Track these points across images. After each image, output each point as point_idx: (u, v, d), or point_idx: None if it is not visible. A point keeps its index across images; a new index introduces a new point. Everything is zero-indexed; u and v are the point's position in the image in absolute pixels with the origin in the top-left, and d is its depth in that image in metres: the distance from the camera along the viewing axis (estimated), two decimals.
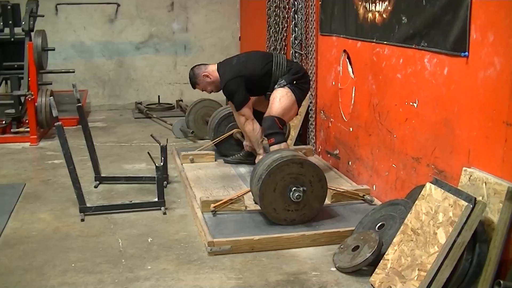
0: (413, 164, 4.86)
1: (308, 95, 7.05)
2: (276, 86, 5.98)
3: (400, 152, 5.08)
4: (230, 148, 7.13)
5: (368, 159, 5.71)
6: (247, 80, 5.97)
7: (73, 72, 9.49)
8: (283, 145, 5.72)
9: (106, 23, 10.95)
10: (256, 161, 6.08)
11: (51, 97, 5.56)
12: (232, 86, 5.97)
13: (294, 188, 4.82)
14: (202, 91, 6.34)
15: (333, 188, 5.41)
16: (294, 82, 5.96)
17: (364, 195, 5.45)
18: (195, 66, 6.34)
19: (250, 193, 5.20)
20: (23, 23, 8.63)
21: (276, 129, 5.75)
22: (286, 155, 4.95)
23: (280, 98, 5.86)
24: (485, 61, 3.85)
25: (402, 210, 4.34)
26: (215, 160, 6.91)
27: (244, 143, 6.66)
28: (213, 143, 7.13)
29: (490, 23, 3.80)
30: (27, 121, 8.38)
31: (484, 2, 3.85)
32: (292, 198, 4.82)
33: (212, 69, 6.21)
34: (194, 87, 6.35)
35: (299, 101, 6.05)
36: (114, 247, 4.75)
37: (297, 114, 6.44)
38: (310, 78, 6.94)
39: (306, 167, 4.87)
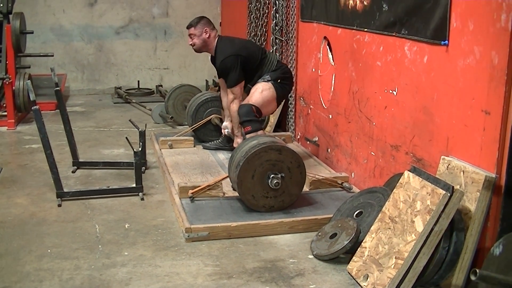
0: (391, 152, 4.86)
1: None
2: (260, 80, 5.99)
3: (379, 140, 5.08)
4: (209, 134, 7.13)
5: (347, 147, 5.71)
6: (243, 62, 5.98)
7: (52, 55, 9.40)
8: (259, 132, 5.70)
9: (86, 6, 10.84)
10: (235, 144, 6.07)
11: (29, 80, 5.48)
12: (230, 62, 5.96)
13: (272, 175, 4.81)
14: (189, 35, 6.24)
15: (312, 174, 5.41)
16: (279, 80, 6.00)
17: (342, 182, 5.45)
18: (206, 17, 6.29)
19: (228, 179, 5.18)
20: (1, 5, 8.49)
21: (252, 117, 5.73)
22: (264, 141, 4.93)
23: (262, 90, 5.90)
24: (465, 50, 3.85)
25: (380, 198, 4.34)
26: (194, 146, 6.90)
27: (224, 124, 6.62)
28: (191, 129, 7.10)
29: (470, 11, 3.80)
30: (4, 105, 8.30)
31: None
32: (270, 185, 4.81)
33: (214, 35, 6.20)
34: (188, 28, 6.23)
35: (279, 99, 6.09)
36: (91, 232, 4.71)
37: (272, 113, 6.48)
38: (291, 65, 6.96)
39: (285, 153, 4.86)
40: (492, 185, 3.60)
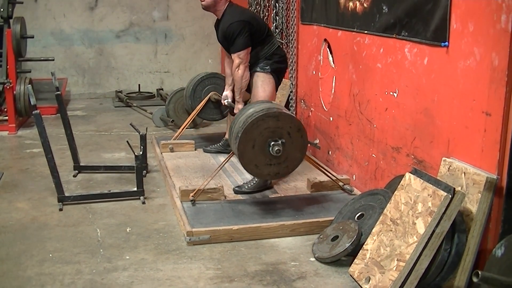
0: (393, 153, 4.86)
1: (289, 84, 7.08)
2: (259, 69, 5.89)
3: (380, 142, 5.07)
4: (210, 112, 7.18)
5: (348, 149, 5.70)
6: (251, 30, 5.79)
7: (53, 60, 9.38)
8: None
9: (86, 10, 10.84)
10: (235, 110, 5.88)
11: (29, 85, 5.49)
12: (239, 27, 5.72)
13: (273, 143, 4.70)
14: None
15: (320, 168, 5.40)
16: (276, 70, 5.90)
17: (344, 184, 5.45)
18: None
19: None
20: (2, 9, 8.48)
21: None
22: (260, 108, 4.82)
23: (264, 87, 5.82)
24: (465, 51, 3.85)
25: (382, 200, 4.34)
26: (195, 149, 6.88)
27: (224, 94, 6.44)
28: (192, 117, 7.09)
29: (470, 13, 3.79)
30: (5, 109, 8.30)
31: None
32: (272, 153, 4.72)
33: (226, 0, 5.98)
34: None
35: (276, 88, 6.03)
36: (92, 236, 4.71)
37: None
38: (291, 67, 6.96)
39: (283, 119, 4.75)
40: (494, 186, 3.60)
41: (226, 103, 6.37)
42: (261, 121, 4.70)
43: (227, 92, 6.39)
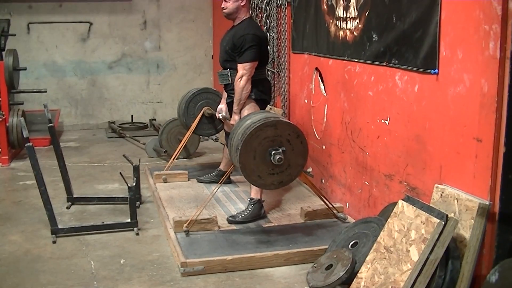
0: (385, 181, 4.86)
1: (281, 113, 7.09)
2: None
3: (372, 170, 5.08)
4: (206, 128, 7.15)
5: (341, 177, 5.71)
6: (260, 49, 5.74)
7: (45, 91, 9.38)
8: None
9: (78, 42, 10.87)
10: (232, 121, 5.78)
11: (22, 118, 5.49)
12: (253, 40, 5.63)
13: (273, 152, 4.72)
14: None
15: (314, 189, 5.40)
16: (259, 99, 5.85)
17: (337, 212, 5.45)
18: None
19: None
20: None
21: None
22: (258, 119, 4.82)
23: (250, 112, 5.79)
24: (455, 78, 3.88)
25: (375, 227, 4.34)
26: (188, 180, 6.87)
27: (219, 107, 6.35)
28: (187, 137, 7.08)
29: (459, 40, 3.83)
30: None
31: (453, 19, 3.89)
32: (273, 162, 4.72)
33: (247, 9, 5.89)
34: None
35: None
36: (86, 269, 4.69)
37: None
38: (283, 96, 6.98)
39: (281, 127, 4.76)
40: (486, 212, 3.61)
41: (220, 117, 6.32)
42: (260, 131, 4.71)
43: (222, 106, 6.34)
